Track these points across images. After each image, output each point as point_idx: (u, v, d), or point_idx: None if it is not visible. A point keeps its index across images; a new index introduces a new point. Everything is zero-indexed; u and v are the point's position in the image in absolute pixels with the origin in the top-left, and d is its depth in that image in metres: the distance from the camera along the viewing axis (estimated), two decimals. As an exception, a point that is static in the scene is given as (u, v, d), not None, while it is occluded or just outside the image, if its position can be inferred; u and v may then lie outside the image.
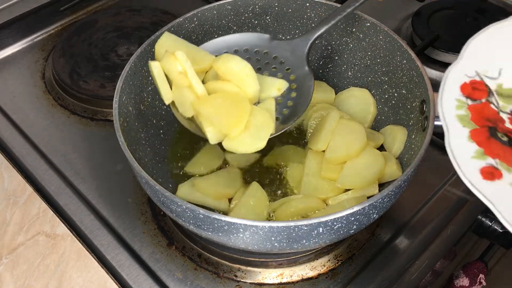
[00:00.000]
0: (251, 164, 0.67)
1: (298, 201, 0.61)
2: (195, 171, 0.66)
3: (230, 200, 0.63)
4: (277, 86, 0.61)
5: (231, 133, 0.54)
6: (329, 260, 0.62)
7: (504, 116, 0.53)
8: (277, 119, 0.60)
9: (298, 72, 0.63)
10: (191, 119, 0.57)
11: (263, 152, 0.67)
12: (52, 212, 0.66)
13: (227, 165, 0.67)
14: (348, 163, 0.62)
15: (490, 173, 0.48)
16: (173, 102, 0.58)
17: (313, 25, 0.72)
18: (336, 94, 0.73)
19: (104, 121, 0.79)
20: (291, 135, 0.71)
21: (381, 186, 0.62)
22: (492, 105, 0.54)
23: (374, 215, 0.52)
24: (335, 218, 0.47)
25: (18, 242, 0.63)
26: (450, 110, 0.52)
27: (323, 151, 0.64)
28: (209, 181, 0.64)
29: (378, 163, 0.61)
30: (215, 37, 0.72)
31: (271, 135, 0.56)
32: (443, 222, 0.66)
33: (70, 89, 0.81)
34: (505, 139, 0.51)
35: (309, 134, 0.69)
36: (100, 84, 0.82)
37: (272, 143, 0.69)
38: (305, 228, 0.47)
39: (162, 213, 0.67)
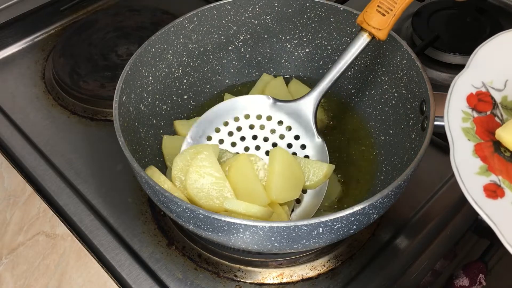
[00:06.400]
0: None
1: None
2: None
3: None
4: None
5: None
6: (329, 260, 0.62)
7: None
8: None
9: (308, 140, 0.64)
10: None
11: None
12: (52, 212, 0.66)
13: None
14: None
15: (493, 191, 0.47)
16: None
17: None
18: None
19: (104, 121, 0.79)
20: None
21: (380, 190, 0.62)
22: (496, 118, 0.53)
23: (374, 215, 0.52)
24: (335, 218, 0.47)
25: (18, 242, 0.63)
26: (456, 122, 0.52)
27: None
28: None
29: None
30: (215, 37, 0.73)
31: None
32: (443, 222, 0.66)
33: (70, 89, 0.81)
34: (507, 154, 0.51)
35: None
36: (100, 84, 0.82)
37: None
38: (305, 228, 0.47)
39: (162, 213, 0.67)
